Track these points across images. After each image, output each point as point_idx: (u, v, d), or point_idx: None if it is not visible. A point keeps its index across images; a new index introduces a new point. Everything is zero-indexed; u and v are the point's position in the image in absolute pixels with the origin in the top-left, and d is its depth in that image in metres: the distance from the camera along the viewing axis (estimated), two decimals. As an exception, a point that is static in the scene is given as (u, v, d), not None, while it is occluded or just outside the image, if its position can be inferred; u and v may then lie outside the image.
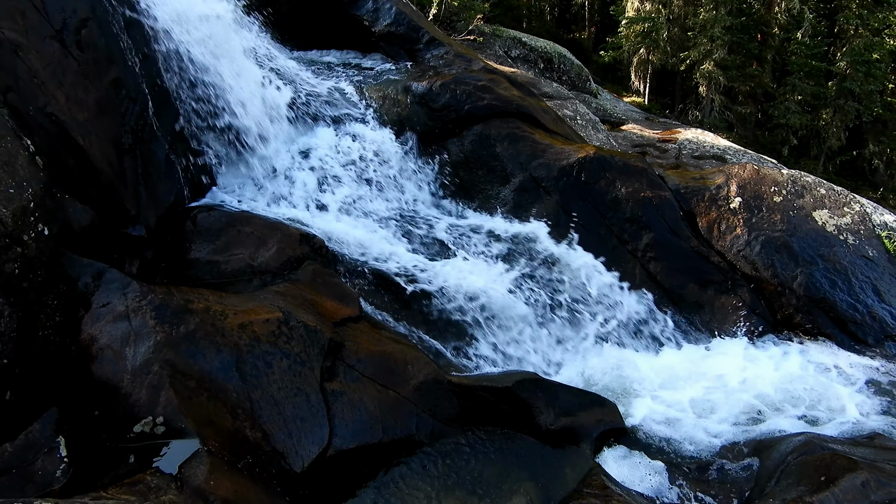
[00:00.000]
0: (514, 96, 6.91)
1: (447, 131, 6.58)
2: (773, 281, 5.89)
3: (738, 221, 6.22)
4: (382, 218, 5.63)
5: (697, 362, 5.13)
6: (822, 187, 6.56)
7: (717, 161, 11.77)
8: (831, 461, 3.47)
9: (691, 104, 22.64)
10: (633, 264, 5.97)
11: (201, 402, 3.17)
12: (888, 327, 5.66)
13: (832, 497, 3.12)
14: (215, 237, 4.55)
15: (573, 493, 3.41)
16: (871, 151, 21.02)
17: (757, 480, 3.81)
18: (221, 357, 3.41)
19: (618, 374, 4.89)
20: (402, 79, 6.96)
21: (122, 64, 4.46)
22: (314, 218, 5.21)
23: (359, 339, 4.15)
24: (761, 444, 4.16)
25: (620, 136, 13.17)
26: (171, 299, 3.53)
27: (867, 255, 6.10)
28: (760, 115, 22.62)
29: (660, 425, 4.44)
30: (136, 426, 2.96)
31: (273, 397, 3.46)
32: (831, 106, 20.24)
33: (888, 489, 3.11)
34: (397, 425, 3.81)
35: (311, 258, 4.69)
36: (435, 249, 5.45)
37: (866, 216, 6.42)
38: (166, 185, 4.64)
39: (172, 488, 2.61)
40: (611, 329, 5.45)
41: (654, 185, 6.37)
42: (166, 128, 4.86)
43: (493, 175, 6.37)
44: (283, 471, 3.25)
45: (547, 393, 4.22)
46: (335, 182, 5.66)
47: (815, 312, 5.73)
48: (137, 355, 3.19)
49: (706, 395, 4.71)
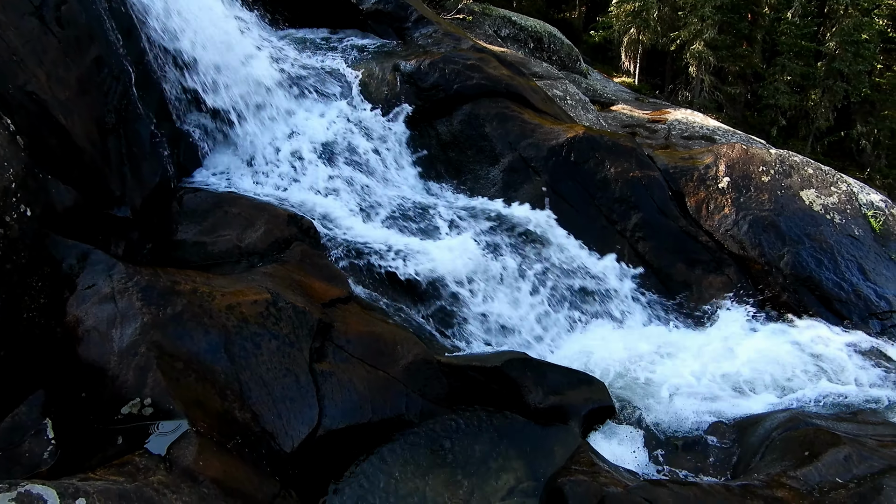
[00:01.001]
0: (503, 75, 6.86)
1: (436, 111, 6.53)
2: (760, 260, 5.93)
3: (727, 201, 6.24)
4: (370, 198, 5.59)
5: (684, 341, 5.17)
6: (810, 167, 6.59)
7: (706, 141, 11.78)
8: (815, 436, 3.52)
9: (681, 85, 22.60)
10: (621, 244, 5.98)
11: (189, 383, 3.16)
12: (873, 305, 5.72)
13: (815, 471, 3.18)
14: (202, 218, 4.51)
15: (561, 470, 3.45)
16: (858, 132, 21.12)
17: (742, 456, 3.87)
18: (209, 338, 3.40)
19: (605, 352, 4.93)
20: (389, 58, 6.89)
21: (104, 41, 4.37)
22: (300, 198, 5.17)
23: (348, 320, 4.15)
24: (746, 420, 4.21)
25: (610, 116, 13.13)
26: (158, 281, 3.50)
27: (853, 234, 6.15)
28: (750, 96, 22.64)
29: (647, 403, 4.48)
30: (123, 408, 2.95)
31: (262, 378, 3.46)
32: (820, 86, 20.28)
33: (869, 462, 3.17)
34: (387, 405, 3.82)
35: (299, 239, 4.67)
36: (423, 230, 5.43)
37: (853, 195, 6.46)
38: (151, 166, 4.58)
39: (161, 469, 2.61)
40: (598, 308, 5.47)
41: (643, 165, 6.37)
42: (151, 107, 4.79)
43: (483, 155, 6.34)
44: (272, 451, 3.26)
45: (535, 372, 4.24)
46: (321, 162, 5.60)
47: (801, 291, 5.79)
48: (124, 337, 3.17)
49: (692, 373, 4.75)
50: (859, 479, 3.05)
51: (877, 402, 4.46)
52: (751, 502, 2.97)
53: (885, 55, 21.46)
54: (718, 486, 3.11)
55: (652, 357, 4.91)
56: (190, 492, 2.51)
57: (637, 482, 3.29)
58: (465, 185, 6.26)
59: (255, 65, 5.71)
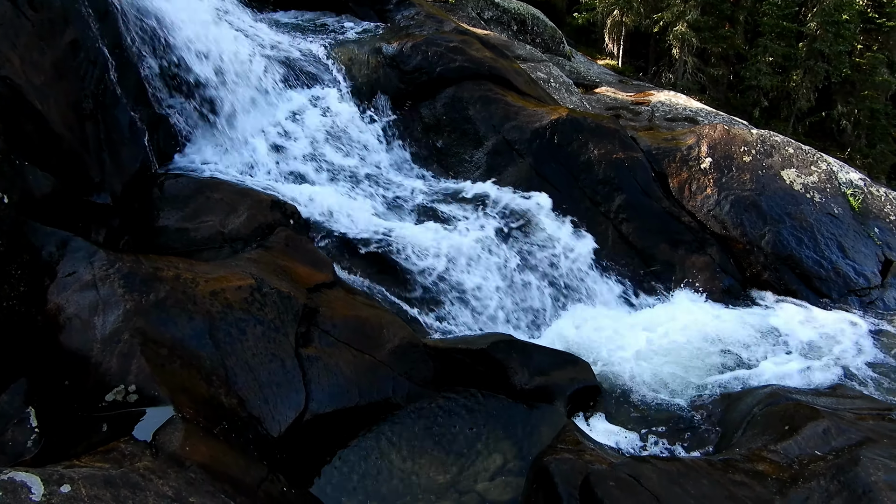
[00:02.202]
0: (486, 58, 6.83)
1: (419, 94, 6.49)
2: (741, 239, 6.00)
3: (709, 181, 6.29)
4: (354, 182, 5.57)
5: (667, 320, 5.23)
6: (791, 147, 6.65)
7: (689, 123, 11.82)
8: (795, 411, 3.58)
9: (664, 66, 22.62)
10: (605, 226, 6.02)
11: (174, 369, 3.15)
12: (851, 282, 5.82)
13: (795, 444, 3.24)
14: (184, 204, 4.47)
15: (547, 449, 3.48)
16: (839, 112, 21.30)
17: (724, 431, 3.94)
18: (194, 324, 3.39)
19: (590, 332, 4.97)
20: (371, 40, 6.82)
21: (80, 24, 4.29)
22: (284, 184, 5.13)
23: (333, 305, 4.15)
24: (729, 396, 4.28)
25: (594, 98, 13.12)
26: (140, 267, 3.47)
27: (833, 213, 6.23)
28: (732, 77, 22.71)
29: (631, 382, 4.53)
30: (107, 395, 2.94)
31: (248, 364, 3.45)
32: (801, 67, 20.39)
33: (847, 435, 3.23)
34: (374, 389, 3.84)
35: (283, 224, 4.65)
36: (408, 213, 5.42)
37: (832, 174, 6.54)
38: (131, 152, 4.52)
39: (147, 455, 2.61)
40: (583, 289, 5.51)
41: (627, 147, 6.39)
42: (129, 92, 4.72)
43: (466, 138, 6.33)
44: (259, 436, 3.26)
45: (521, 354, 4.28)
46: (304, 146, 5.56)
47: (781, 269, 5.86)
48: (107, 324, 3.15)
49: (675, 352, 4.82)
50: (837, 451, 3.11)
51: (854, 377, 4.55)
52: (732, 476, 3.02)
53: (865, 35, 21.59)
54: (701, 461, 3.16)
55: (632, 336, 4.96)
56: (177, 477, 2.50)
57: (621, 459, 3.33)
58: (450, 168, 6.25)
59: (238, 50, 5.63)
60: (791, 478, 2.99)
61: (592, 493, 2.74)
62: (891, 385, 4.46)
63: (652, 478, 2.85)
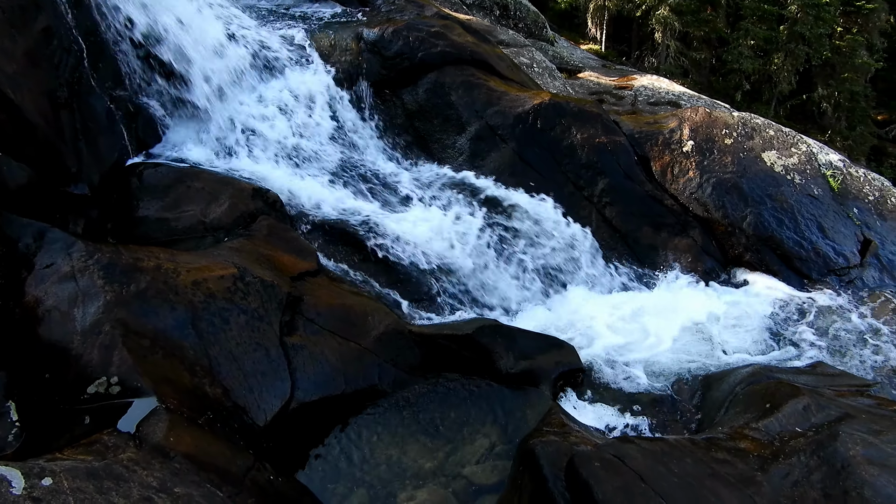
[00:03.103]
0: (468, 43, 6.78)
1: (401, 80, 6.43)
2: (723, 221, 6.04)
3: (691, 164, 6.32)
4: (337, 170, 5.53)
5: (651, 302, 5.27)
6: (771, 129, 6.69)
7: (672, 107, 11.84)
8: (776, 389, 3.64)
9: (647, 51, 22.62)
10: (589, 210, 6.03)
11: (157, 360, 3.12)
12: (831, 262, 5.89)
13: (776, 421, 3.29)
14: (164, 194, 4.42)
15: (533, 432, 3.51)
16: (819, 95, 21.46)
17: (707, 411, 3.99)
18: (176, 315, 3.36)
19: (574, 315, 5.00)
20: (352, 26, 6.75)
21: (52, 11, 4.21)
22: (266, 171, 5.08)
23: (317, 293, 4.13)
24: (711, 376, 4.34)
25: (577, 83, 13.11)
26: (120, 258, 3.43)
27: (812, 194, 6.28)
28: (715, 61, 22.77)
29: (616, 364, 4.58)
30: (89, 387, 2.91)
31: (232, 353, 3.43)
32: (782, 50, 20.48)
33: (827, 411, 3.29)
34: (360, 376, 3.84)
35: (265, 213, 4.61)
36: (391, 201, 5.40)
37: (812, 156, 6.59)
38: (108, 141, 4.46)
39: (131, 446, 2.59)
40: (567, 272, 5.53)
41: (609, 131, 6.39)
42: (105, 80, 4.64)
43: (449, 124, 6.29)
44: (245, 425, 3.25)
45: (506, 338, 4.29)
46: (285, 134, 5.50)
47: (763, 250, 5.92)
48: (87, 316, 3.11)
49: (659, 333, 4.86)
50: (817, 427, 3.17)
51: (834, 355, 4.62)
52: (715, 454, 3.07)
53: (845, 18, 21.71)
54: (684, 441, 3.20)
55: (616, 318, 5.00)
56: (161, 467, 2.49)
57: (606, 440, 3.37)
58: (433, 154, 6.22)
59: (216, 36, 5.55)
60: (772, 454, 3.04)
61: (577, 473, 2.77)
62: (869, 361, 4.54)
63: (636, 458, 2.87)
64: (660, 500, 2.62)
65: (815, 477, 2.81)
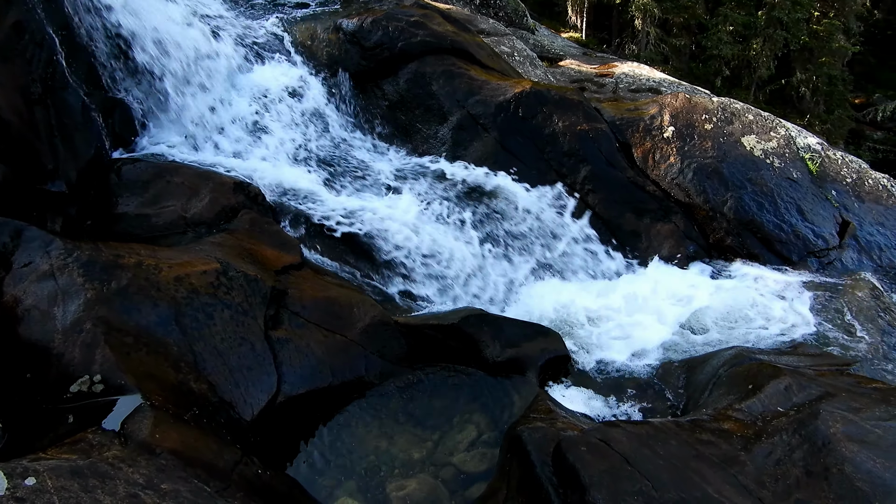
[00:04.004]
0: (448, 32, 6.75)
1: (381, 70, 6.40)
2: (705, 206, 6.09)
3: (672, 150, 6.35)
4: (318, 162, 5.50)
5: (634, 288, 5.31)
6: (750, 113, 6.75)
7: (653, 94, 11.89)
8: (758, 370, 3.69)
9: (627, 38, 22.67)
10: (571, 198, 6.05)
11: (140, 357, 3.10)
12: (811, 244, 5.97)
13: (759, 402, 3.34)
14: (143, 189, 4.37)
15: (521, 419, 3.53)
16: (798, 79, 21.66)
17: (691, 394, 4.04)
18: (159, 311, 3.33)
19: (559, 303, 5.03)
20: (331, 16, 6.69)
21: (22, 5, 4.13)
22: (247, 164, 5.04)
23: (302, 286, 4.12)
24: (695, 360, 4.39)
25: (559, 71, 13.11)
26: (100, 255, 3.39)
27: (792, 177, 6.35)
28: (694, 47, 22.87)
29: (601, 350, 4.61)
30: (72, 386, 2.88)
31: (216, 348, 3.42)
32: (761, 35, 20.62)
33: (808, 391, 3.34)
34: (346, 368, 3.84)
35: (247, 207, 4.58)
36: (374, 191, 5.38)
37: (791, 139, 6.66)
38: (85, 137, 4.39)
39: (116, 444, 2.57)
40: (550, 260, 5.56)
41: (591, 118, 6.41)
42: (80, 75, 4.57)
43: (431, 114, 6.27)
44: (232, 420, 3.24)
45: (492, 327, 4.31)
46: (266, 127, 5.46)
47: (744, 234, 5.98)
48: (67, 314, 3.08)
49: (643, 319, 4.91)
50: (798, 407, 3.22)
51: (815, 335, 4.69)
52: (699, 435, 3.11)
53: (822, 2, 21.89)
54: (669, 423, 3.23)
55: (601, 305, 5.03)
56: (147, 464, 2.48)
57: (592, 425, 3.40)
58: (415, 144, 6.20)
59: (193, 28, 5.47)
60: (755, 434, 3.09)
61: (564, 458, 2.79)
62: (848, 341, 4.61)
63: (622, 441, 2.91)
64: (645, 482, 2.65)
65: (797, 455, 2.86)
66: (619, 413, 4.12)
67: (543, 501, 2.79)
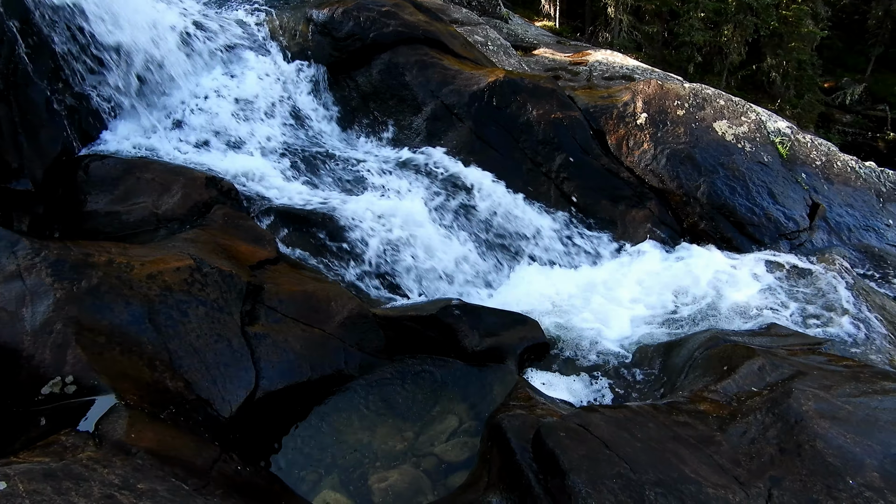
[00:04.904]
0: (420, 21, 6.71)
1: (354, 62, 6.34)
2: (678, 192, 6.15)
3: (645, 137, 6.40)
4: (292, 155, 5.43)
5: (611, 274, 5.36)
6: (722, 99, 6.82)
7: (626, 81, 11.97)
8: (732, 351, 3.74)
9: (601, 26, 22.77)
10: (547, 185, 6.07)
11: (114, 356, 3.05)
12: (782, 227, 6.06)
13: (733, 383, 3.39)
14: (112, 186, 4.29)
15: (501, 407, 3.55)
16: (768, 64, 21.96)
17: (668, 377, 4.09)
18: (131, 310, 3.28)
19: (537, 291, 5.05)
20: (301, 7, 6.60)
21: (-21, 1, 4.01)
22: (218, 159, 4.97)
23: (278, 281, 4.08)
24: (671, 343, 4.44)
25: (533, 60, 13.12)
26: (69, 254, 3.32)
27: (763, 161, 6.44)
28: (667, 34, 23.05)
29: (579, 336, 4.64)
30: (43, 388, 2.82)
31: (192, 346, 3.37)
32: (732, 21, 20.84)
33: (781, 370, 3.40)
34: (325, 362, 3.82)
35: (220, 202, 4.52)
36: (348, 183, 5.34)
37: (761, 124, 6.75)
38: (50, 134, 4.29)
39: (90, 445, 2.53)
40: (526, 249, 5.58)
41: (564, 106, 6.42)
42: (44, 71, 4.45)
43: (405, 105, 6.24)
44: (210, 417, 3.21)
45: (471, 316, 4.32)
46: (237, 121, 5.38)
47: (717, 218, 6.06)
48: (36, 315, 3.01)
49: (620, 304, 4.95)
50: (772, 386, 3.28)
51: (786, 316, 4.78)
52: (676, 417, 3.15)
53: (790, -12, 22.20)
54: (647, 406, 3.27)
55: (578, 292, 5.07)
56: (123, 465, 2.44)
57: (571, 410, 3.43)
58: (390, 136, 6.16)
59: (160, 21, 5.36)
60: (730, 414, 3.14)
61: (543, 444, 2.81)
62: (819, 320, 4.71)
63: (600, 425, 2.93)
64: (624, 465, 2.68)
65: (771, 433, 2.92)
66: (598, 398, 4.16)
67: (524, 488, 2.80)
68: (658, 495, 2.54)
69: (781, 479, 2.65)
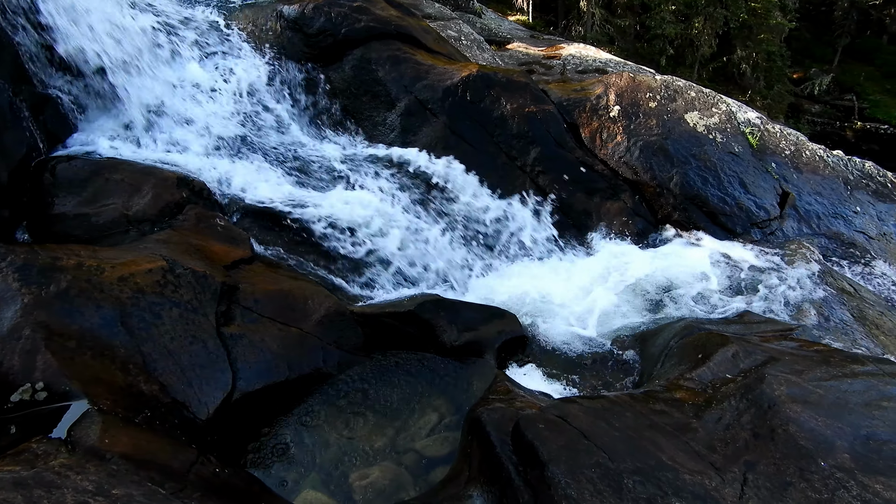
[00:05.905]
0: (392, 16, 6.67)
1: (325, 58, 6.29)
2: (652, 183, 6.22)
3: (618, 129, 6.45)
4: (263, 154, 5.38)
5: (587, 266, 5.40)
6: (692, 90, 6.89)
7: (599, 74, 12.03)
8: (707, 339, 3.81)
9: (574, 20, 22.88)
10: (522, 179, 6.09)
11: (85, 361, 2.99)
12: (753, 216, 6.16)
13: (708, 370, 3.45)
14: (81, 188, 4.20)
15: (480, 401, 3.56)
16: (739, 56, 22.28)
17: (644, 366, 4.14)
18: (102, 313, 3.22)
19: (514, 284, 5.07)
20: (271, 4, 6.53)
21: (-64, -1, 3.89)
22: (189, 159, 4.90)
23: (254, 280, 4.04)
24: (647, 332, 4.49)
25: (507, 55, 13.13)
26: (36, 258, 3.25)
27: (734, 151, 6.53)
28: (639, 28, 23.26)
29: (557, 328, 4.68)
30: (13, 395, 2.76)
31: (167, 348, 3.33)
32: (702, 14, 21.09)
33: (754, 357, 3.47)
34: (303, 361, 3.80)
35: (192, 202, 4.45)
36: (322, 181, 5.30)
37: (732, 115, 6.84)
38: (14, 136, 4.18)
39: (63, 452, 2.48)
40: (503, 243, 5.59)
41: (538, 100, 6.44)
42: (6, 72, 4.34)
43: (378, 101, 6.20)
44: (186, 420, 3.17)
45: (449, 311, 4.32)
46: (207, 120, 5.30)
47: (690, 209, 6.13)
48: (4, 321, 2.94)
49: (596, 296, 4.99)
50: (745, 372, 3.33)
51: (759, 303, 4.86)
52: (653, 406, 3.19)
53: (758, -20, 22.51)
54: (624, 396, 3.31)
55: (554, 285, 5.10)
56: (97, 470, 2.40)
57: (550, 402, 3.45)
58: (364, 132, 6.13)
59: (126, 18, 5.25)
60: (706, 401, 3.19)
61: (523, 436, 2.83)
62: (790, 307, 4.80)
63: (579, 416, 2.96)
64: (602, 454, 2.71)
65: (745, 418, 2.97)
66: (577, 389, 4.20)
67: (504, 480, 2.82)
68: (636, 483, 2.57)
69: (756, 464, 2.70)
